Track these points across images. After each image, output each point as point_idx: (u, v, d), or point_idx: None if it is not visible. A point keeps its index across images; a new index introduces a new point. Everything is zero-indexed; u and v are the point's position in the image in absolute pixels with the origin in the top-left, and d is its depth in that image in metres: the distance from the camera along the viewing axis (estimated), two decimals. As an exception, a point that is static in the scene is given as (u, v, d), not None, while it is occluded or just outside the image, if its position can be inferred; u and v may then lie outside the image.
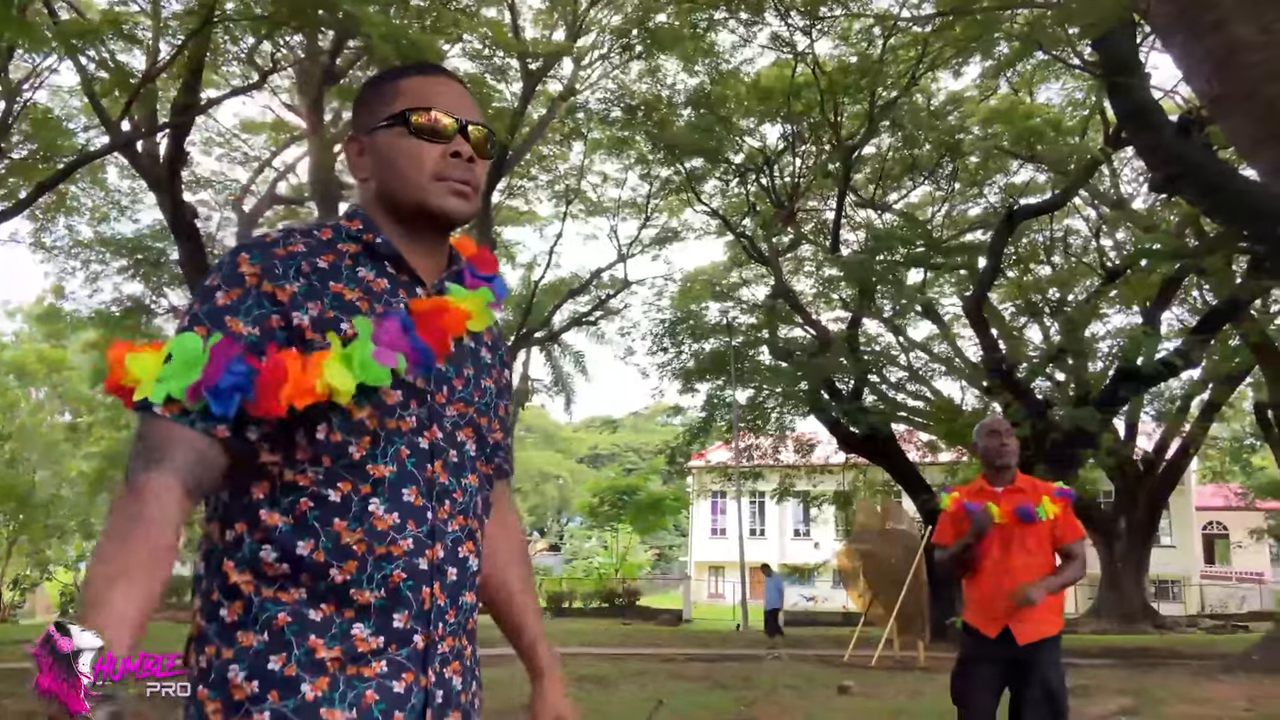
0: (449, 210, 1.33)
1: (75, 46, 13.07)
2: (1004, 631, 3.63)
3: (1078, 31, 12.20)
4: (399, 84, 1.37)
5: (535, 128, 18.18)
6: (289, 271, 1.24)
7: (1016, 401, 15.74)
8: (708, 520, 41.34)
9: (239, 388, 1.17)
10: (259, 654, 1.18)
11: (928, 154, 17.86)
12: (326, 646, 1.19)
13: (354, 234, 1.33)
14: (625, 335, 23.49)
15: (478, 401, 1.37)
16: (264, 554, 1.21)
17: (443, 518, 1.27)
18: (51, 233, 19.68)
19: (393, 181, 1.34)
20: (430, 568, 1.25)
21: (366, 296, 1.28)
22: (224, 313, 1.21)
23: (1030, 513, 3.71)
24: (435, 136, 1.33)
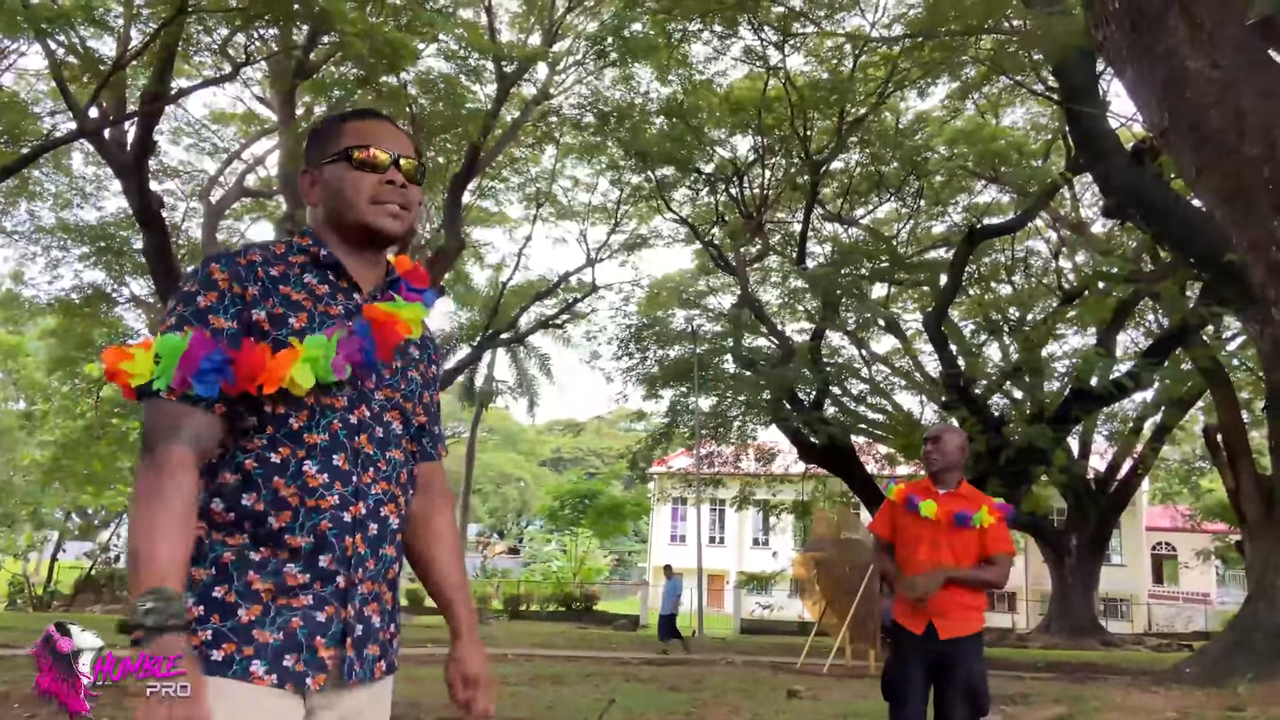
0: (384, 228, 1.62)
1: (45, 30, 12.96)
2: (928, 627, 3.79)
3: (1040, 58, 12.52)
4: (343, 126, 1.67)
5: (508, 130, 18.22)
6: (250, 276, 1.52)
7: (973, 417, 16.04)
8: (668, 526, 41.47)
9: (218, 371, 1.44)
10: (206, 586, 1.44)
11: (894, 171, 18.16)
12: (262, 580, 1.44)
13: (303, 248, 1.62)
14: (591, 339, 23.68)
15: (403, 389, 1.64)
16: (214, 505, 1.47)
17: (366, 481, 1.53)
18: (12, 217, 19.44)
19: (338, 205, 1.62)
20: (353, 521, 1.50)
21: (310, 298, 1.56)
22: (207, 313, 1.48)
23: (966, 518, 3.86)
24: (373, 168, 1.62)
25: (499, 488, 51.95)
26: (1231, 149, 4.38)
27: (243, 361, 1.45)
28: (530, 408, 29.51)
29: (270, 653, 1.42)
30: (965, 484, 4.03)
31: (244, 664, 1.40)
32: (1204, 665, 9.81)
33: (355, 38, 11.88)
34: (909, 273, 17.88)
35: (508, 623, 28.37)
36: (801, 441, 18.10)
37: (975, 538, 3.88)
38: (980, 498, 4.00)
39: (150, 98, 13.31)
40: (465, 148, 17.12)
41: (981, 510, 3.90)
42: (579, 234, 23.07)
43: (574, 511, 35.55)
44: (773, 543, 36.01)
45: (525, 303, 23.35)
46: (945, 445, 3.99)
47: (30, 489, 27.94)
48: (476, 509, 46.50)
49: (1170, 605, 35.05)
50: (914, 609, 3.84)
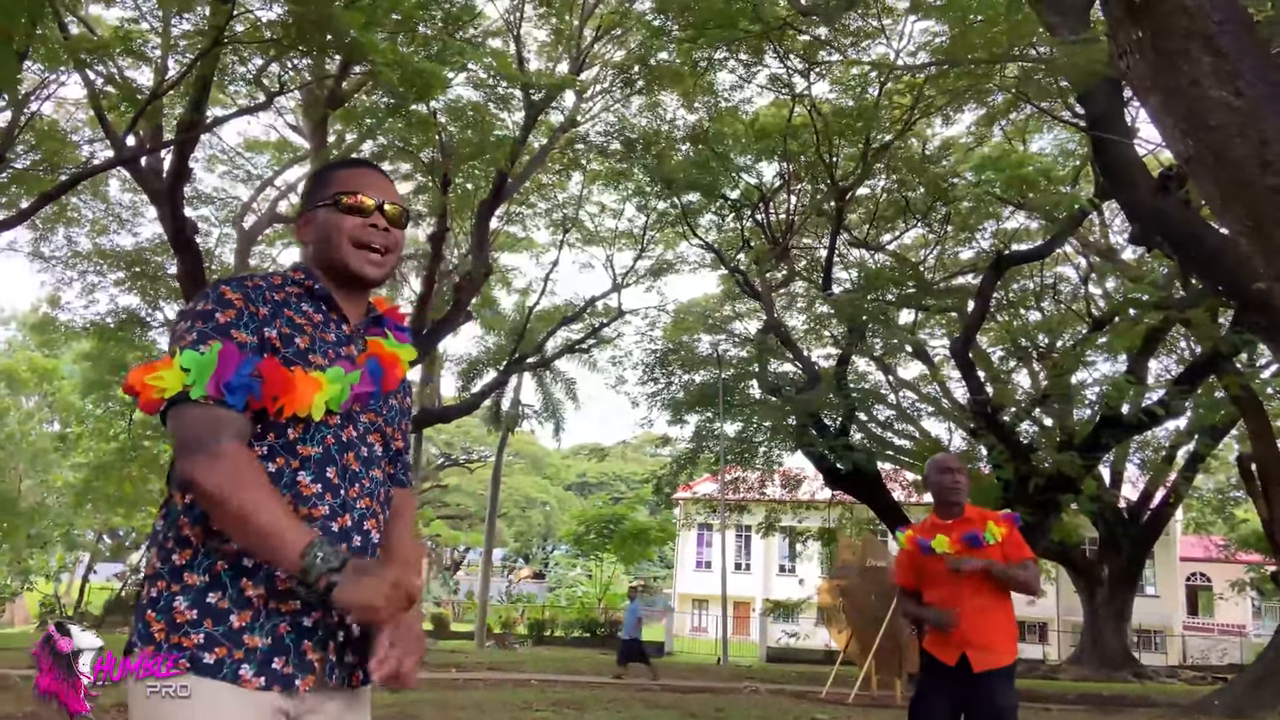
0: (364, 273, 1.75)
1: (84, 61, 13.30)
2: (961, 659, 3.75)
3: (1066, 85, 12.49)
4: (334, 175, 1.81)
5: (535, 157, 18.41)
6: (259, 298, 1.65)
7: (1001, 444, 15.88)
8: (693, 553, 41.28)
9: (247, 386, 1.54)
10: (200, 590, 1.52)
11: (921, 197, 18.12)
12: (254, 586, 1.52)
13: (297, 280, 1.74)
14: (617, 364, 23.63)
15: (385, 414, 1.77)
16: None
17: (352, 496, 1.63)
18: (50, 243, 19.82)
19: (325, 246, 1.76)
20: (340, 532, 1.60)
21: (309, 323, 1.68)
22: (228, 327, 1.58)
23: (977, 538, 3.84)
24: (358, 213, 1.75)
25: (524, 512, 51.94)
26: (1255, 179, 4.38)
27: (269, 379, 1.55)
28: (556, 432, 29.47)
29: (259, 656, 1.50)
30: (968, 507, 4.02)
31: (234, 667, 1.48)
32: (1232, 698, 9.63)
33: (387, 67, 12.06)
34: (936, 299, 17.79)
35: (532, 648, 28.31)
36: (827, 468, 17.99)
37: (995, 554, 3.86)
38: (985, 514, 3.98)
39: (186, 126, 13.59)
40: (493, 174, 17.31)
41: (989, 526, 3.88)
42: (605, 259, 23.18)
43: (599, 536, 35.45)
44: (799, 569, 35.76)
45: (552, 327, 23.43)
46: (961, 476, 4.00)
47: (63, 510, 28.32)
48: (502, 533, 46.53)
49: (1205, 637, 34.35)
50: (947, 639, 3.81)
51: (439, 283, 19.91)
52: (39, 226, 18.79)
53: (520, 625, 33.99)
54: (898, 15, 15.41)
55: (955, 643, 3.80)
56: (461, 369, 26.05)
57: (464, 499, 48.02)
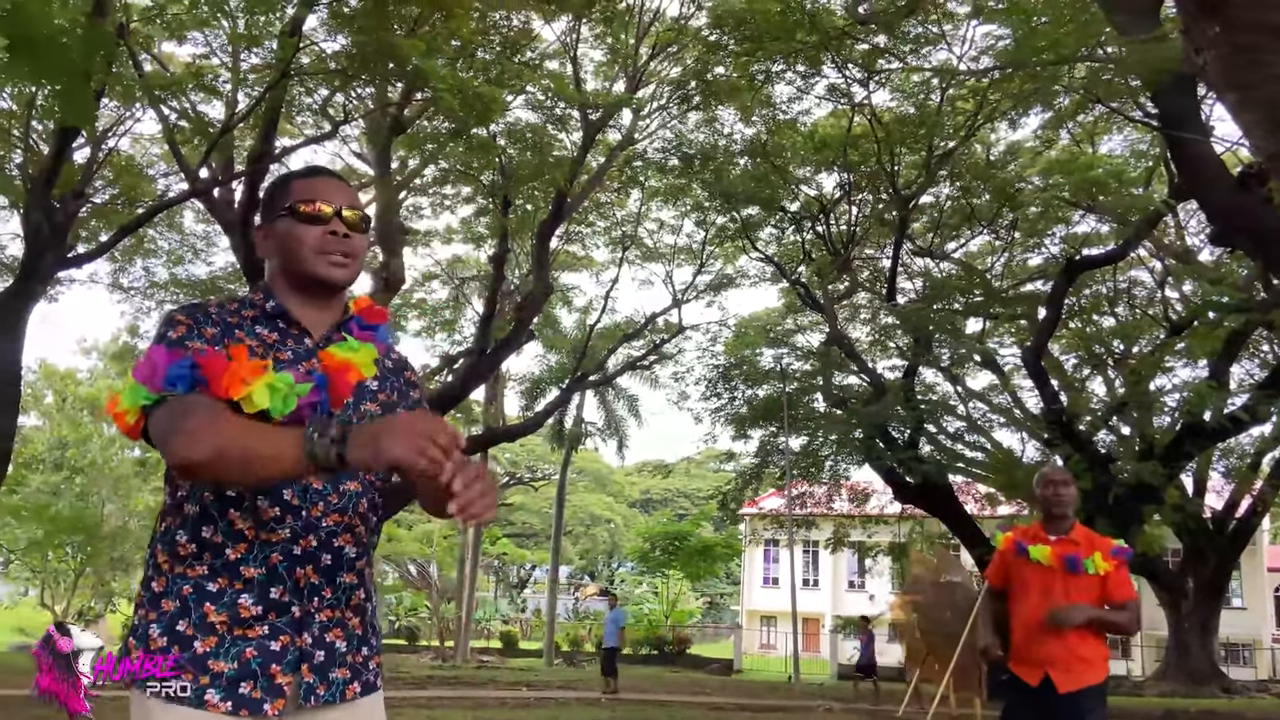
0: (330, 277, 1.72)
1: (158, 98, 13.75)
2: (1045, 679, 3.62)
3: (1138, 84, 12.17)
4: (290, 185, 1.78)
5: (593, 176, 18.50)
6: (207, 320, 1.65)
7: (1078, 454, 15.45)
8: (760, 569, 40.89)
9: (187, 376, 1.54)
10: (172, 617, 1.55)
11: (986, 204, 17.79)
12: (217, 612, 1.54)
13: (253, 302, 1.73)
14: (679, 380, 23.57)
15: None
16: (179, 538, 1.59)
17: (316, 515, 1.61)
18: (129, 274, 20.48)
19: (287, 257, 1.73)
20: (304, 554, 1.59)
21: (261, 345, 1.66)
22: (182, 340, 1.60)
23: (1076, 562, 3.71)
24: (317, 221, 1.71)
25: (589, 529, 52.04)
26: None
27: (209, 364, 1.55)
28: (619, 449, 29.48)
29: (225, 681, 1.52)
30: (1079, 527, 3.87)
31: (199, 692, 1.51)
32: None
33: (448, 93, 12.25)
34: (1005, 306, 17.41)
35: (600, 666, 28.25)
36: (896, 481, 17.68)
37: (1095, 584, 3.72)
38: (1094, 541, 3.83)
39: (256, 157, 13.95)
40: (552, 194, 17.44)
41: (1095, 556, 3.73)
42: (665, 275, 23.18)
43: (664, 553, 35.33)
44: (869, 585, 35.18)
45: (613, 345, 23.48)
46: (1068, 489, 3.88)
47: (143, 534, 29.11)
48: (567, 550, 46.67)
49: (1298, 651, 32.95)
50: (1029, 657, 3.69)
51: (501, 303, 20.09)
52: (118, 258, 19.43)
53: (588, 643, 33.99)
54: (958, 20, 15.20)
55: (1038, 661, 3.67)
56: (524, 388, 26.26)
57: (529, 517, 48.32)
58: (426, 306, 23.63)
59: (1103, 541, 3.85)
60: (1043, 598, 3.73)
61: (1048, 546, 3.78)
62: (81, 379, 32.51)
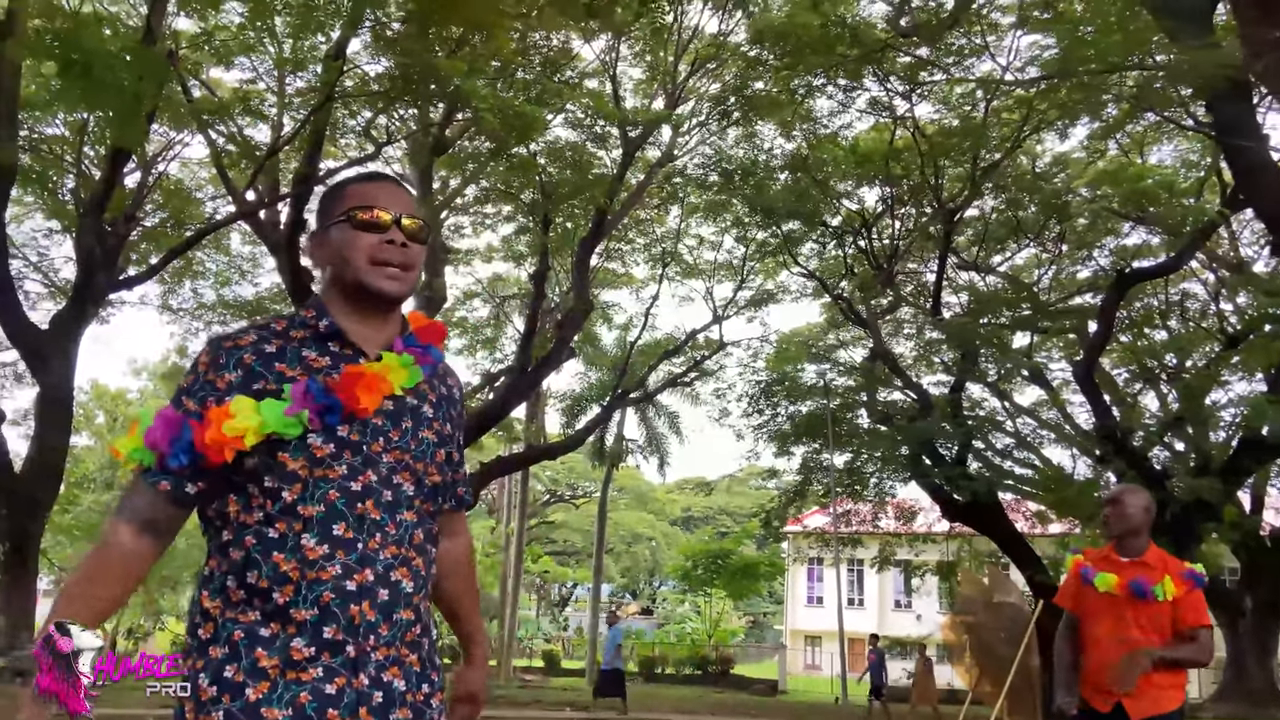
0: (383, 289, 1.62)
1: (206, 122, 14.00)
2: (1117, 707, 3.48)
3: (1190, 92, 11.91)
4: (346, 189, 1.68)
5: (633, 193, 18.52)
6: (230, 363, 1.56)
7: (1131, 470, 15.08)
8: (804, 588, 40.45)
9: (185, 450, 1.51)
10: (220, 664, 1.47)
11: (1033, 216, 17.51)
12: (268, 657, 1.46)
13: (305, 321, 1.63)
14: (720, 397, 23.43)
15: (414, 449, 1.62)
16: (228, 583, 1.51)
17: (373, 547, 1.53)
18: (178, 295, 20.84)
19: (340, 267, 1.63)
20: (358, 589, 1.50)
21: (305, 372, 1.56)
22: (182, 394, 1.57)
23: (1144, 589, 3.55)
24: (373, 229, 1.62)
25: (630, 547, 51.84)
26: None
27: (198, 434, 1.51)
28: (660, 466, 29.32)
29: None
30: (1154, 549, 3.69)
31: None
32: None
33: (489, 112, 12.32)
34: (1053, 320, 17.09)
35: (643, 685, 28.07)
36: (944, 498, 17.37)
37: (1165, 611, 3.54)
38: (1169, 564, 3.65)
39: (301, 179, 14.13)
40: (592, 212, 17.48)
41: (1164, 581, 3.55)
42: (705, 292, 23.08)
43: (707, 572, 35.07)
44: (915, 605, 34.61)
45: (653, 362, 23.41)
46: (1125, 508, 3.68)
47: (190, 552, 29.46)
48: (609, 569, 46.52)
49: (1364, 673, 31.78)
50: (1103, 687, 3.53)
51: (542, 321, 20.13)
52: (167, 280, 19.77)
53: (630, 662, 33.80)
54: (1002, 31, 15.01)
55: (1110, 688, 3.51)
56: (565, 405, 26.27)
57: (571, 535, 48.28)
58: (468, 325, 23.77)
59: (1176, 564, 3.68)
60: (1114, 624, 3.58)
61: (1114, 574, 3.62)
62: (132, 399, 33.09)
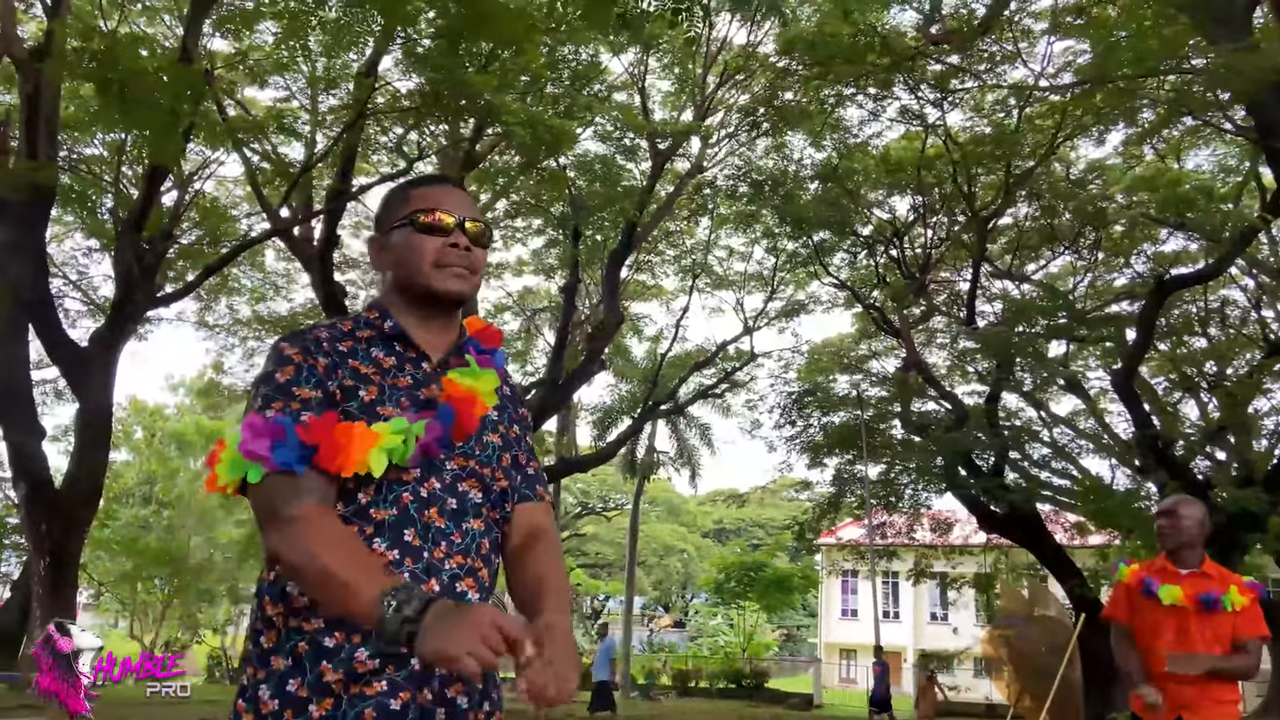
0: (449, 290, 1.60)
1: (242, 140, 14.18)
2: None
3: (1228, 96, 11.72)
4: (410, 193, 1.67)
5: (662, 205, 18.52)
6: (318, 350, 1.53)
7: (1173, 481, 14.81)
8: (838, 600, 40.08)
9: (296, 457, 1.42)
10: (282, 677, 1.41)
11: (1068, 223, 17.29)
12: (333, 670, 1.40)
13: (370, 321, 1.62)
14: (751, 408, 23.31)
15: (479, 455, 1.58)
16: (290, 588, 1.45)
17: (439, 557, 1.48)
18: (214, 311, 21.10)
19: (403, 270, 1.62)
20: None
21: (378, 371, 1.54)
22: (290, 385, 1.49)
23: (1215, 600, 3.49)
24: (437, 232, 1.61)
25: (662, 560, 51.67)
26: None
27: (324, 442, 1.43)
28: (692, 478, 29.21)
29: None
30: (1209, 561, 3.63)
31: None
32: None
33: (519, 126, 12.38)
34: (1090, 328, 16.84)
35: (677, 700, 27.91)
36: (981, 510, 17.14)
37: (1226, 622, 3.49)
38: (1228, 576, 3.59)
39: (334, 195, 14.28)
40: (622, 224, 17.49)
41: (1231, 591, 3.50)
42: (736, 303, 23.02)
43: (740, 584, 34.85)
44: (952, 618, 34.17)
45: (684, 373, 23.36)
46: (1182, 520, 3.61)
47: (228, 566, 29.77)
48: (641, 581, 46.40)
49: None
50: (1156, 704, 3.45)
51: (572, 333, 20.15)
52: (204, 297, 20.04)
53: (664, 675, 33.63)
54: (1035, 37, 14.88)
55: (1172, 705, 3.44)
56: (596, 418, 26.25)
57: (602, 548, 48.22)
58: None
59: (1234, 576, 3.63)
60: (1177, 637, 3.51)
61: (1178, 586, 3.55)
62: (169, 415, 33.54)
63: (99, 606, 32.13)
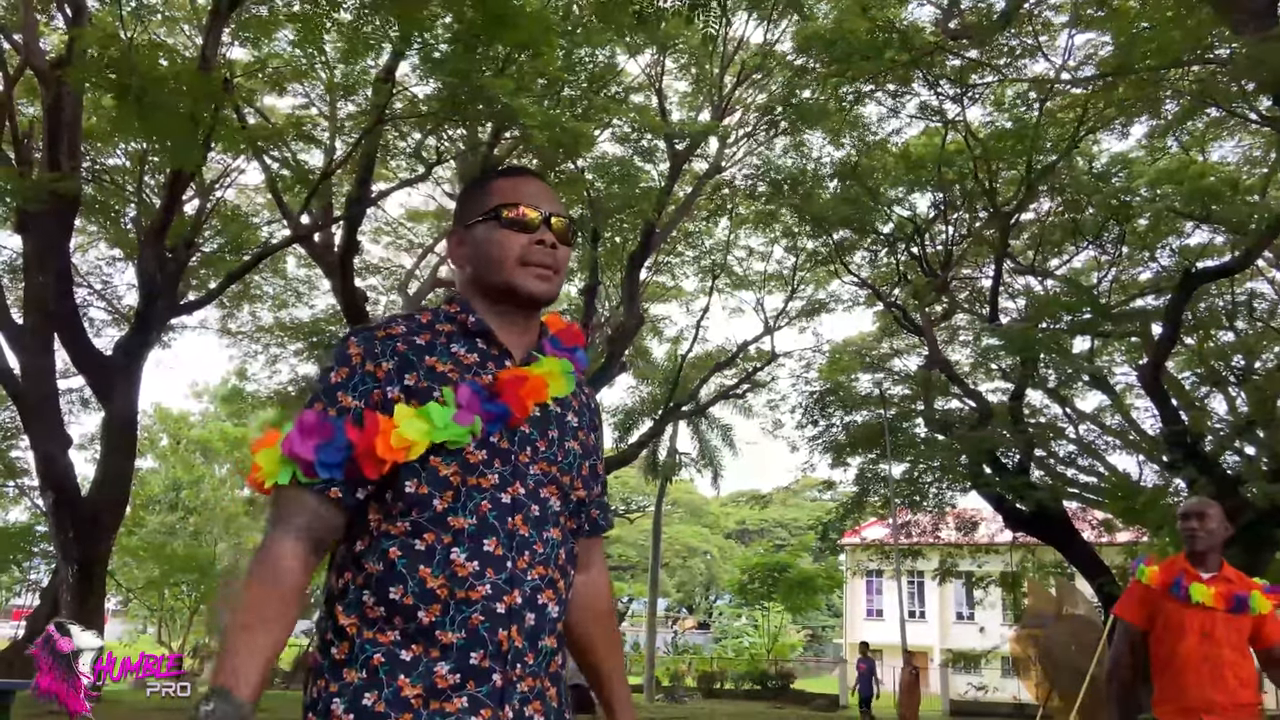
0: (533, 291, 1.52)
1: (261, 148, 14.26)
2: None
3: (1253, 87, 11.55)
4: (491, 185, 1.59)
5: (681, 206, 18.48)
6: (385, 351, 1.45)
7: (1203, 477, 14.60)
8: (863, 600, 39.84)
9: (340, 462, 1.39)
10: (357, 690, 1.35)
11: (1091, 218, 17.10)
12: (411, 684, 1.34)
13: (450, 315, 1.54)
14: (773, 408, 23.22)
15: (561, 461, 1.51)
16: (365, 598, 1.39)
17: (522, 567, 1.42)
18: (236, 319, 21.25)
19: (485, 267, 1.54)
20: (508, 612, 1.39)
21: (457, 368, 1.47)
22: (336, 389, 1.44)
23: (1244, 601, 3.45)
24: (522, 228, 1.53)
25: (685, 562, 51.59)
26: None
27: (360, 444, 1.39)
28: (714, 479, 29.12)
29: None
30: (1227, 565, 3.60)
31: None
32: None
33: (537, 129, 12.37)
34: (1115, 323, 16.64)
35: (702, 701, 27.83)
36: (1007, 508, 16.98)
37: (1249, 626, 3.46)
38: (1246, 580, 3.56)
39: (353, 201, 14.32)
40: (641, 226, 17.46)
41: (1255, 595, 3.45)
42: (756, 303, 22.95)
43: (763, 585, 34.71)
44: (979, 617, 33.89)
45: (705, 374, 23.31)
46: (1210, 521, 3.57)
47: (253, 571, 29.89)
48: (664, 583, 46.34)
49: None
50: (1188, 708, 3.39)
51: (592, 335, 20.15)
52: (226, 304, 20.17)
53: (688, 677, 33.55)
54: (1055, 30, 14.72)
55: (1197, 709, 3.37)
56: (618, 420, 26.22)
57: (625, 549, 48.20)
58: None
59: (1252, 581, 3.60)
60: (1202, 640, 3.45)
61: (1208, 586, 3.51)
62: (194, 422, 33.78)
63: (128, 613, 32.42)
